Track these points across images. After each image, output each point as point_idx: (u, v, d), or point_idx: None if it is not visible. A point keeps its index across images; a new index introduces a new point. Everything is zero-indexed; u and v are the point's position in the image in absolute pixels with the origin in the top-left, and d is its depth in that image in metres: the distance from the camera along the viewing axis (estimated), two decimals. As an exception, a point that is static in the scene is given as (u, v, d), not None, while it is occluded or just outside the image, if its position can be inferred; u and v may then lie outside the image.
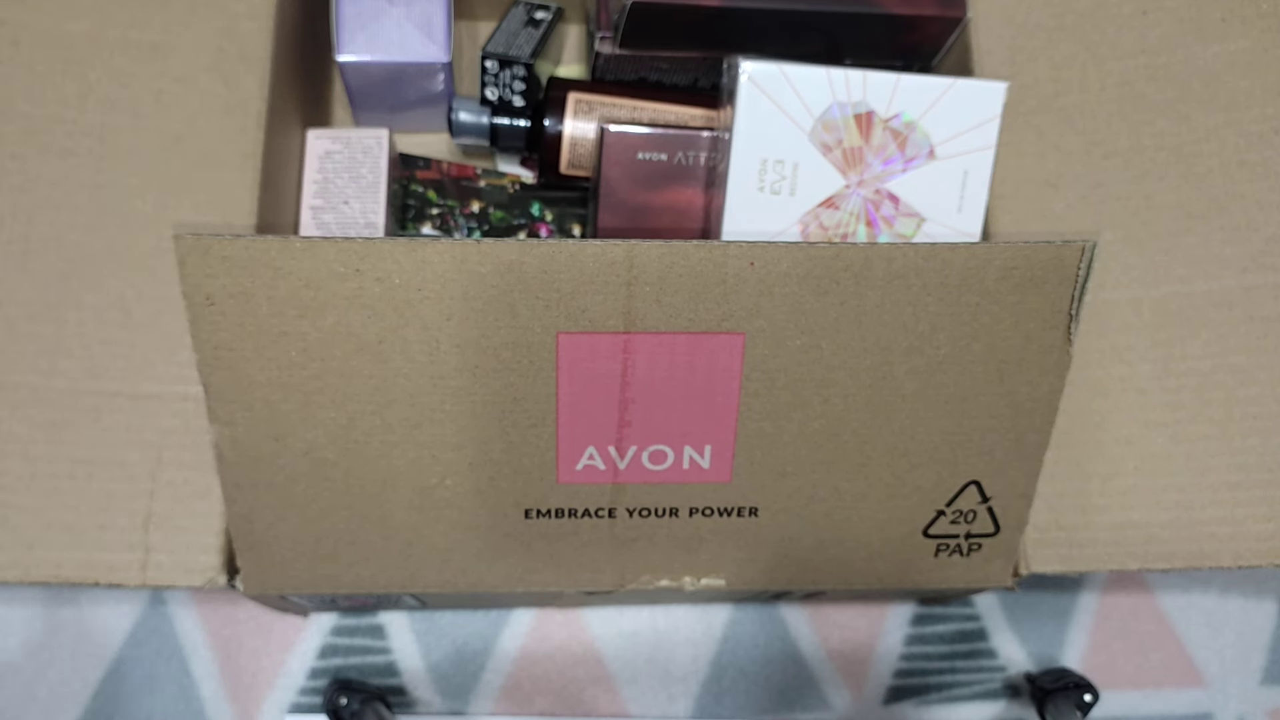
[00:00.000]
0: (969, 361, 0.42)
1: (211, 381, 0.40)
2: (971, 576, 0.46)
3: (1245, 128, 0.51)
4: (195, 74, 0.48)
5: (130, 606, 0.59)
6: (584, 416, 0.42)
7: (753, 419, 0.42)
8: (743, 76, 0.46)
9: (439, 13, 0.55)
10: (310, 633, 0.59)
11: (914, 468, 0.44)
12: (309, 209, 0.55)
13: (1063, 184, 0.51)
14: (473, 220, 0.60)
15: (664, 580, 0.46)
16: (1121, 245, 0.50)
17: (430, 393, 0.41)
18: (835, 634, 0.61)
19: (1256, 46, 0.51)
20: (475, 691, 0.59)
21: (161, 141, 0.48)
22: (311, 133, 0.56)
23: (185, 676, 0.58)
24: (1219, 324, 0.49)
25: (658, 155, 0.52)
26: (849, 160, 0.47)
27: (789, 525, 0.45)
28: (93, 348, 0.46)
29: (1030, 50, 0.52)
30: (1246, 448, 0.48)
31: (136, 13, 0.49)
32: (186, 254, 0.38)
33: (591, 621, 0.61)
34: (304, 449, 0.41)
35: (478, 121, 0.57)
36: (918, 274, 0.40)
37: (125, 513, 0.45)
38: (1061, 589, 0.63)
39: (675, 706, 0.60)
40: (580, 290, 0.39)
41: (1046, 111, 0.51)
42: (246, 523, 0.43)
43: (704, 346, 0.41)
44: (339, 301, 0.39)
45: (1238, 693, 0.62)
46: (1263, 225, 0.50)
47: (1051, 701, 0.57)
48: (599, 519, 0.44)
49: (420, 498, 0.43)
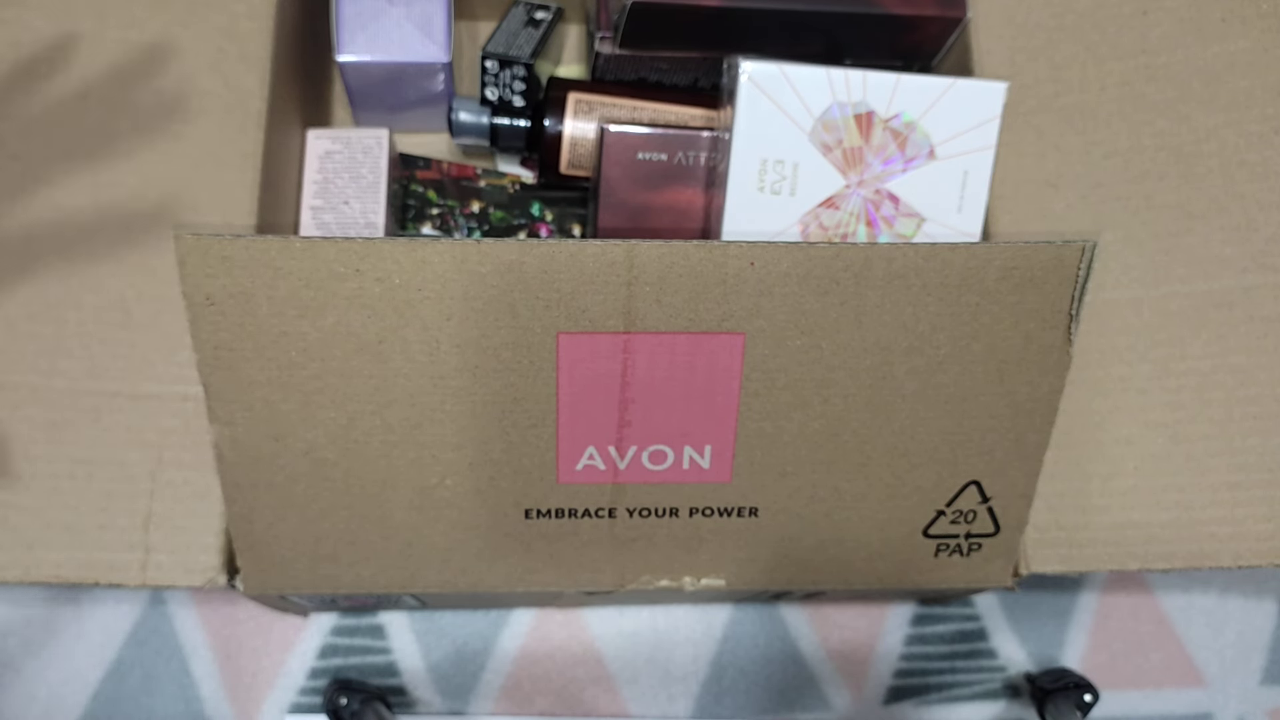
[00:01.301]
0: (969, 361, 0.42)
1: (211, 381, 0.40)
2: (971, 576, 0.47)
3: (1245, 128, 0.51)
4: (195, 74, 0.48)
5: (130, 606, 0.59)
6: (584, 416, 0.42)
7: (753, 419, 0.42)
8: (743, 76, 0.46)
9: (439, 13, 0.55)
10: (310, 633, 0.59)
11: (914, 468, 0.44)
12: (309, 209, 0.55)
13: (1063, 184, 0.51)
14: (473, 220, 0.60)
15: (664, 580, 0.46)
16: (1121, 245, 0.50)
17: (430, 393, 0.41)
18: (835, 634, 0.61)
19: (1256, 47, 0.51)
20: (475, 691, 0.59)
21: (162, 141, 0.48)
22: (311, 133, 0.56)
23: (185, 676, 0.58)
24: (1219, 324, 0.49)
25: (658, 155, 0.52)
26: (849, 160, 0.47)
27: (789, 525, 0.45)
28: (93, 348, 0.46)
29: (1030, 50, 0.52)
30: (1246, 448, 0.48)
31: (137, 12, 0.49)
32: (186, 254, 0.38)
33: (591, 621, 0.61)
34: (304, 449, 0.41)
35: (478, 121, 0.57)
36: (918, 274, 0.40)
37: (125, 513, 0.45)
38: (1061, 589, 0.63)
39: (675, 706, 0.60)
40: (580, 290, 0.39)
41: (1046, 111, 0.51)
42: (246, 523, 0.43)
43: (704, 346, 0.41)
44: (339, 301, 0.39)
45: (1238, 693, 0.62)
46: (1263, 225, 0.50)
47: (1051, 701, 0.57)
48: (599, 519, 0.44)
49: (420, 498, 0.43)
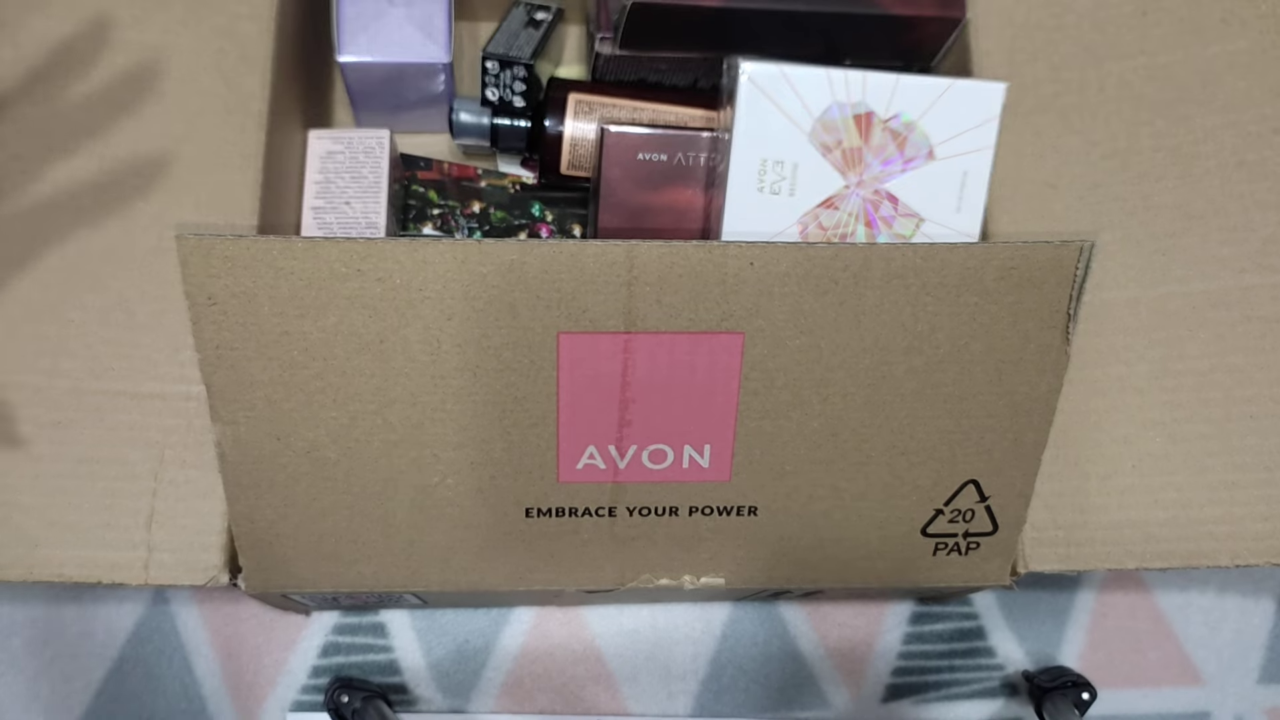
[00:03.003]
0: (967, 361, 0.42)
1: (214, 381, 0.40)
2: (970, 575, 0.47)
3: (1244, 128, 0.51)
4: (196, 74, 0.49)
5: (133, 605, 0.59)
6: (584, 416, 0.42)
7: (752, 418, 0.42)
8: (742, 77, 0.46)
9: (440, 13, 0.55)
10: (312, 631, 0.60)
11: (912, 467, 0.44)
12: (310, 209, 0.55)
13: (1061, 184, 0.51)
14: (473, 221, 0.60)
15: (664, 579, 0.46)
16: (1120, 245, 0.50)
17: (431, 392, 0.41)
18: (834, 632, 0.62)
19: (1255, 47, 0.52)
20: (476, 689, 0.60)
21: (163, 142, 0.48)
22: (313, 133, 0.56)
23: (187, 675, 0.59)
24: (1217, 324, 0.49)
25: (658, 156, 0.52)
26: (848, 161, 0.47)
27: (788, 524, 0.45)
28: (95, 347, 0.46)
29: (1029, 51, 0.52)
30: (1244, 447, 0.48)
31: (137, 13, 0.49)
32: (189, 254, 0.38)
33: (592, 620, 0.61)
34: (306, 448, 0.41)
35: (478, 122, 0.57)
36: (916, 274, 0.40)
37: (128, 512, 0.45)
38: (1059, 588, 0.63)
39: (675, 704, 0.60)
40: (581, 290, 0.39)
41: (1045, 112, 0.51)
42: (248, 521, 0.43)
43: (704, 346, 0.41)
44: (340, 301, 0.39)
45: (1235, 691, 0.62)
46: (1261, 226, 0.50)
47: (1049, 700, 0.57)
48: (599, 518, 0.44)
49: (421, 497, 0.43)
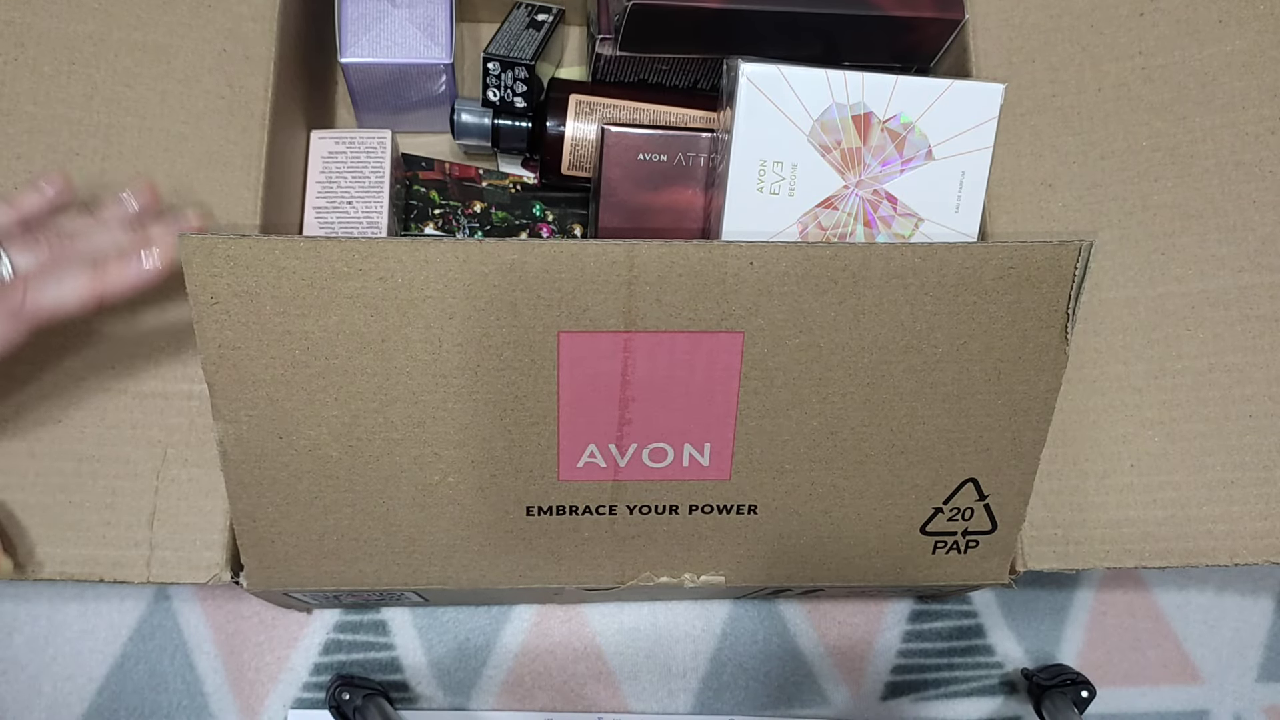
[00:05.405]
0: (966, 360, 0.42)
1: (216, 379, 0.40)
2: (969, 573, 0.47)
3: (1242, 128, 0.51)
4: (199, 75, 0.49)
5: (135, 603, 0.59)
6: (585, 414, 0.42)
7: (752, 417, 0.42)
8: (742, 78, 0.46)
9: (441, 14, 0.55)
10: (313, 629, 0.60)
11: (912, 465, 0.44)
12: (312, 209, 0.55)
13: (1059, 184, 0.51)
14: (475, 220, 0.60)
15: (664, 577, 0.46)
16: (1118, 245, 0.50)
17: (432, 391, 0.41)
18: (834, 630, 0.62)
19: (1253, 48, 0.52)
20: (477, 687, 0.60)
21: (166, 142, 0.48)
22: (315, 134, 0.56)
23: (189, 672, 0.59)
24: (1215, 323, 0.49)
25: (658, 156, 0.52)
26: (847, 161, 0.47)
27: (788, 522, 0.45)
28: (98, 345, 0.46)
29: (1027, 52, 0.52)
30: (1242, 446, 0.49)
31: (141, 14, 0.49)
32: (191, 253, 0.38)
33: (592, 618, 0.61)
34: (307, 446, 0.42)
35: (480, 123, 0.57)
36: (915, 274, 0.40)
37: (130, 510, 0.45)
38: (1058, 586, 0.63)
39: (675, 702, 0.61)
40: (581, 290, 0.40)
41: (1044, 112, 0.51)
42: (250, 520, 0.43)
43: (704, 345, 0.41)
44: (342, 301, 0.39)
45: (1234, 689, 0.63)
46: (1258, 225, 0.50)
47: (1048, 698, 0.57)
48: (600, 516, 0.44)
49: (423, 495, 0.43)
